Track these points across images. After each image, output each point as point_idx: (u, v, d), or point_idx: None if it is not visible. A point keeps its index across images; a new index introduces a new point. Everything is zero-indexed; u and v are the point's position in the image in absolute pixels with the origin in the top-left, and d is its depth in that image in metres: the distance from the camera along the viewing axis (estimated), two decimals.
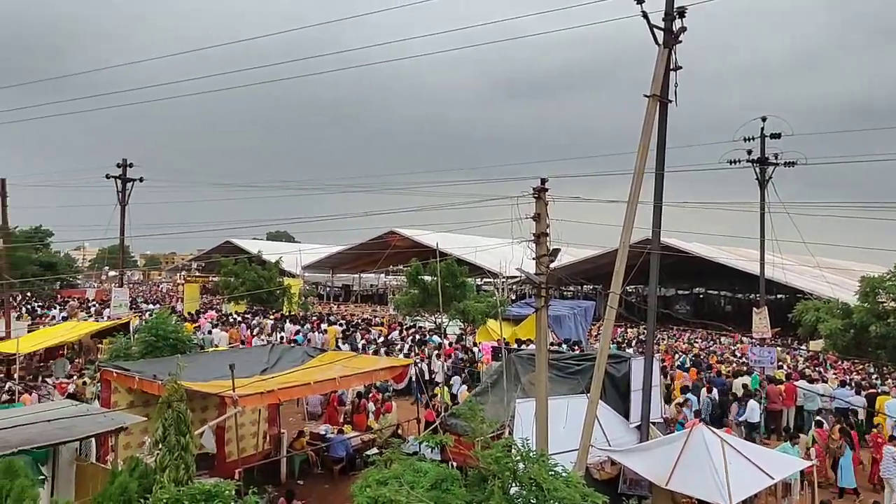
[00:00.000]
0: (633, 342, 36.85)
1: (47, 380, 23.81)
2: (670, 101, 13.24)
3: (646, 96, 12.82)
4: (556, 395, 13.38)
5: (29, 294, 57.36)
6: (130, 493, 9.65)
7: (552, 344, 23.96)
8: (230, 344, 31.05)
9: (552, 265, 12.25)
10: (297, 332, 34.03)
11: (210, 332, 33.08)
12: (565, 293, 64.69)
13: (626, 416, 14.57)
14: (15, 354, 22.79)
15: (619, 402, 14.77)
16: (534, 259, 12.05)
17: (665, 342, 40.14)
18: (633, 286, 55.99)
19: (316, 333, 33.94)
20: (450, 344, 28.66)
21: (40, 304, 50.52)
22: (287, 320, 39.80)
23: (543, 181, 11.97)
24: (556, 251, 12.03)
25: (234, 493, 10.08)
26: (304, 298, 52.98)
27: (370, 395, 20.48)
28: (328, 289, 77.02)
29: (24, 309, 44.61)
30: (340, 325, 38.18)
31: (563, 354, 17.85)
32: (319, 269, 74.23)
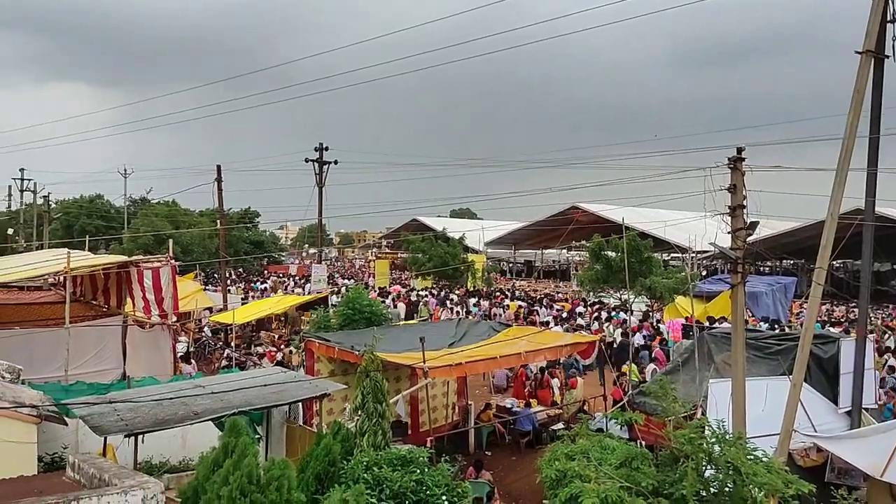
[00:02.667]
0: (843, 321, 33.89)
1: (258, 348, 26.13)
2: (887, 57, 11.95)
3: (858, 53, 11.64)
4: (753, 376, 12.66)
5: (241, 269, 62.99)
6: (334, 455, 10.39)
7: (748, 322, 22.64)
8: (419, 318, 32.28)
9: (749, 239, 11.55)
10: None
11: (396, 307, 34.61)
12: (762, 269, 60.69)
13: (835, 400, 13.48)
14: (231, 325, 25.20)
15: (825, 386, 13.69)
16: (729, 233, 11.42)
17: (878, 321, 36.54)
18: (839, 261, 51.41)
19: (500, 309, 34.46)
20: (638, 321, 27.96)
21: (251, 278, 55.42)
22: (471, 295, 40.73)
23: (740, 150, 11.27)
24: (754, 224, 11.33)
25: (427, 459, 10.57)
26: (487, 274, 53.85)
27: (552, 370, 20.49)
28: (511, 264, 77.72)
29: (241, 284, 49.16)
30: (522, 300, 38.49)
31: (761, 333, 16.80)
32: (502, 245, 74.98)
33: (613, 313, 30.41)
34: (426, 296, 40.53)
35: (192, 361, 22.51)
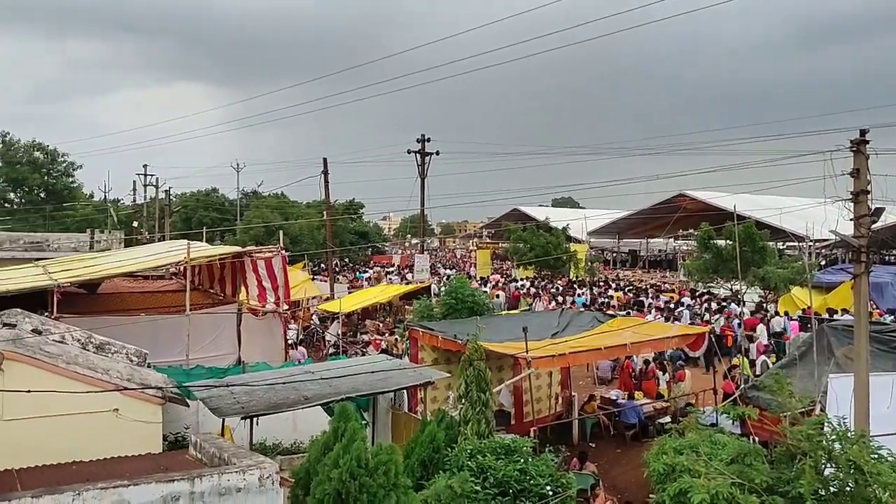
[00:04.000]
0: None
1: (363, 336, 26.79)
2: None
3: None
4: (878, 372, 11.94)
5: (346, 259, 64.67)
6: (438, 442, 10.55)
7: (872, 314, 21.33)
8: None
9: (874, 226, 10.88)
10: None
11: (497, 297, 34.62)
12: (888, 258, 56.99)
13: None
14: (338, 313, 25.94)
15: None
16: (851, 220, 10.79)
17: None
18: None
19: (605, 299, 33.89)
20: (751, 313, 26.85)
21: (357, 268, 56.83)
22: (574, 285, 40.24)
23: (863, 132, 10.61)
24: (879, 210, 10.67)
25: (530, 449, 10.57)
26: (590, 264, 53.05)
27: (659, 362, 19.97)
28: (614, 254, 76.24)
29: (347, 274, 50.49)
30: (627, 290, 37.70)
31: (886, 326, 15.81)
32: (605, 235, 73.66)
33: (723, 304, 29.30)
34: (527, 286, 40.35)
35: (302, 348, 23.31)
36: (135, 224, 50.65)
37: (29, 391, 9.29)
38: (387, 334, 26.08)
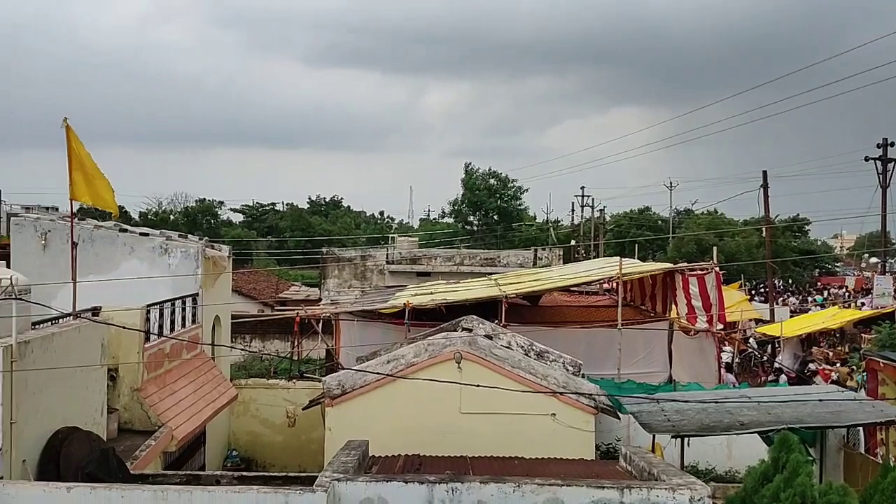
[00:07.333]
0: None
1: (810, 365, 24.22)
2: None
3: None
4: None
5: (790, 280, 59.52)
6: None
7: None
8: None
9: None
10: None
11: None
12: None
13: None
14: (779, 337, 23.90)
15: None
16: None
17: None
18: None
19: None
20: None
21: (799, 290, 51.93)
22: None
23: None
24: None
25: None
26: None
27: None
28: None
29: (790, 297, 46.56)
30: None
31: None
32: None
33: None
34: None
35: (735, 371, 22.05)
36: (572, 242, 53.83)
37: (478, 385, 10.36)
38: (837, 364, 23.20)
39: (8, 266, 9.65)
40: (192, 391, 13.58)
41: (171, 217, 64.82)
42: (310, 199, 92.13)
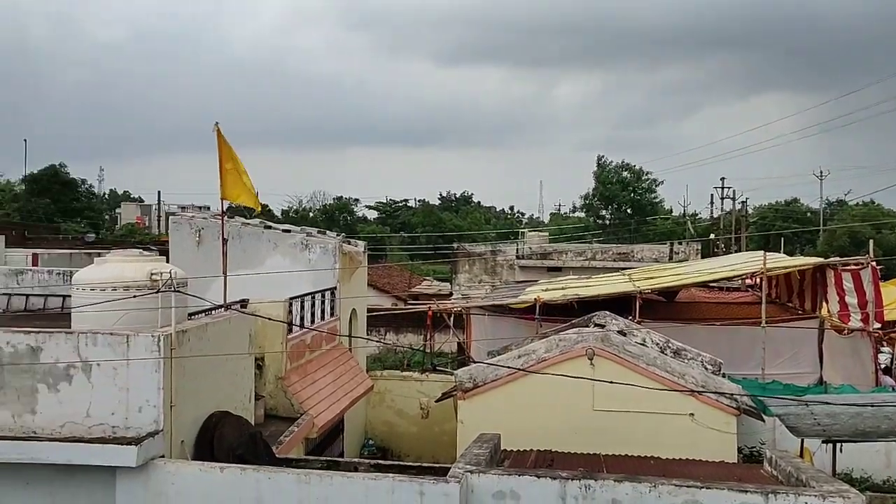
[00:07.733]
0: None
1: None
2: None
3: None
4: None
5: None
6: None
7: None
8: None
9: None
10: None
11: None
12: None
13: None
14: None
15: None
16: None
17: None
18: None
19: None
20: None
21: None
22: None
23: None
24: None
25: None
26: None
27: None
28: None
29: None
30: None
31: None
32: None
33: None
34: None
35: (894, 373, 20.35)
36: (711, 236, 51.58)
37: (612, 382, 10.16)
38: None
39: (167, 261, 10.39)
40: (331, 381, 14.17)
41: (311, 214, 67.84)
42: (441, 195, 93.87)
